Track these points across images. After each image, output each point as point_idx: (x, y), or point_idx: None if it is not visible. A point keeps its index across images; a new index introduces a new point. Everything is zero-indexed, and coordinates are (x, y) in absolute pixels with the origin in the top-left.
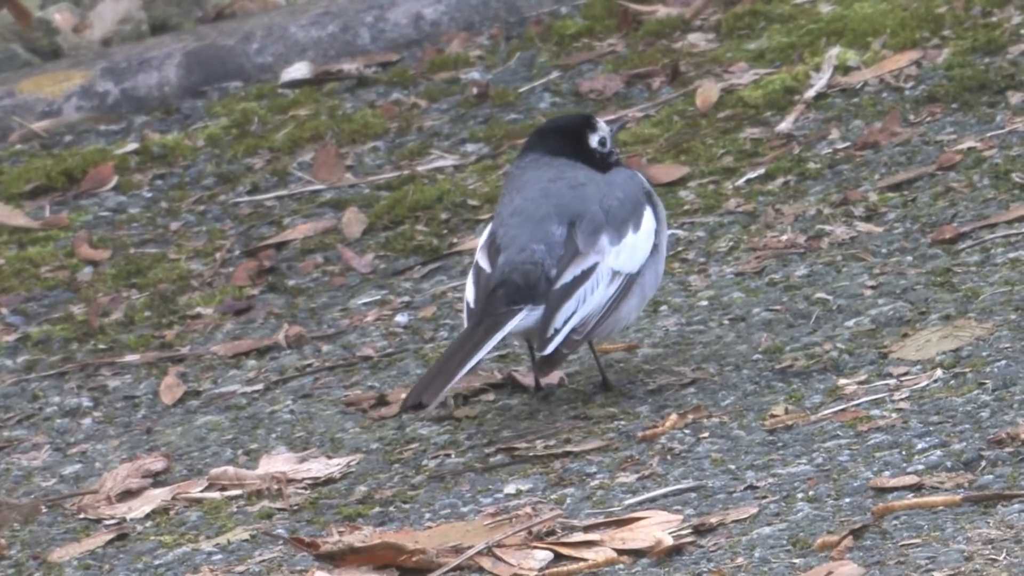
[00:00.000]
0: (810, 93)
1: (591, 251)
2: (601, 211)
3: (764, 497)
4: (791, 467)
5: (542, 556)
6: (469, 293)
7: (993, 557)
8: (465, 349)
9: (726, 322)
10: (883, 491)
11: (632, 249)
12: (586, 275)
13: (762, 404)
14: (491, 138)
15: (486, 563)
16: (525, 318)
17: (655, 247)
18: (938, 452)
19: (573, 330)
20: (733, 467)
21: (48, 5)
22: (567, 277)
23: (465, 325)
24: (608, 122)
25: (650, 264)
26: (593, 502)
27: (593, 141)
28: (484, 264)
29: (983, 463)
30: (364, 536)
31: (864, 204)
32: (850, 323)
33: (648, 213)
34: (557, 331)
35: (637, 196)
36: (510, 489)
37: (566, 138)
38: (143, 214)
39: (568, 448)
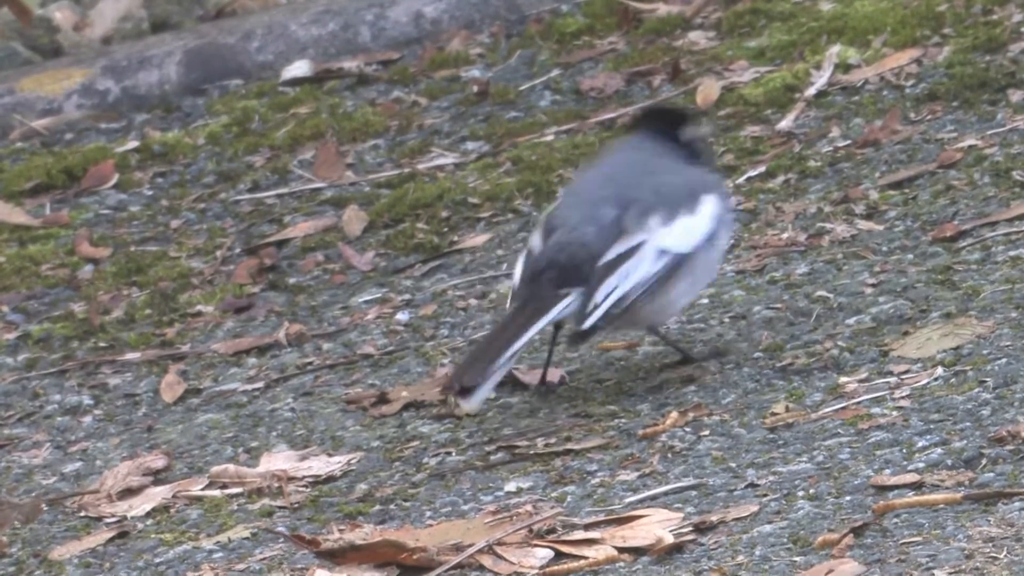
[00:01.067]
0: (811, 91)
1: (639, 230)
2: (657, 193)
3: (765, 495)
4: (792, 465)
5: (543, 554)
6: (516, 271)
7: (994, 555)
8: (508, 332)
9: (727, 320)
10: (884, 489)
11: (685, 230)
12: (631, 252)
13: (763, 402)
14: (491, 136)
15: (487, 561)
16: (571, 303)
17: (713, 235)
18: (939, 450)
19: (613, 305)
20: (734, 465)
21: (49, 3)
22: (611, 255)
23: (507, 305)
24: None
25: (706, 249)
26: (594, 500)
27: (688, 134)
28: (536, 244)
29: (984, 461)
30: (365, 534)
31: (865, 202)
32: (851, 321)
33: (710, 200)
34: (597, 306)
35: (702, 184)
36: (511, 487)
37: (665, 125)
38: (144, 212)
39: (569, 446)
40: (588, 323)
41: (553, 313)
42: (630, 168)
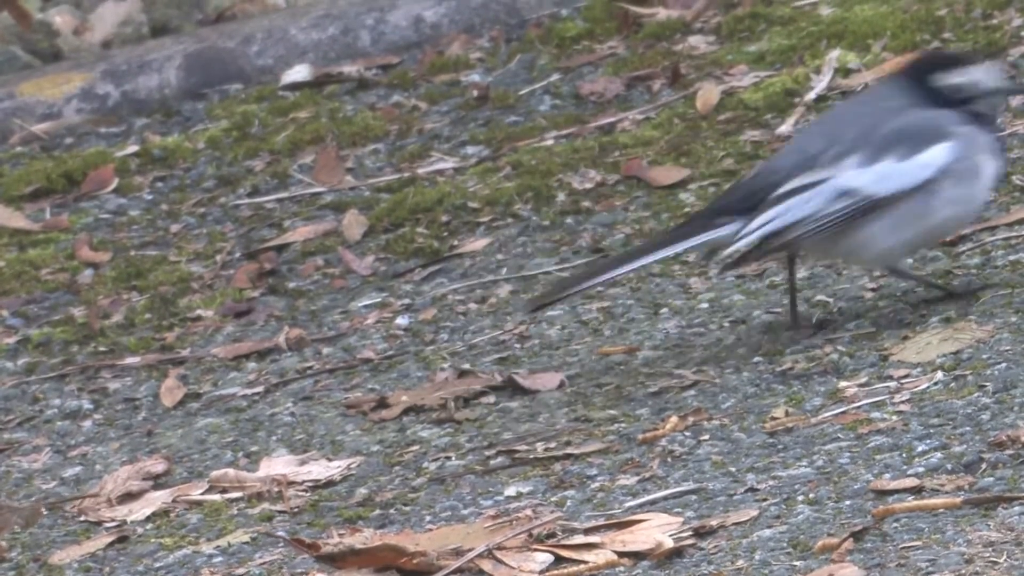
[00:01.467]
0: (811, 95)
1: (828, 168)
2: (864, 135)
3: (764, 499)
4: (791, 469)
5: (542, 558)
6: None
7: (994, 560)
8: (642, 248)
9: (726, 324)
10: (883, 493)
11: (884, 174)
12: (806, 188)
13: (762, 407)
14: (491, 140)
15: (486, 565)
16: (725, 231)
17: (930, 182)
18: (938, 454)
19: (768, 236)
20: (733, 469)
21: (49, 7)
22: (786, 187)
23: None
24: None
25: (915, 196)
26: (593, 504)
27: (941, 80)
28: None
29: (984, 465)
30: (365, 538)
31: None
32: (850, 325)
33: (938, 148)
34: (749, 232)
35: (932, 131)
36: (510, 491)
37: (921, 71)
38: (143, 216)
39: (568, 451)
40: (733, 247)
41: (699, 239)
42: (854, 110)
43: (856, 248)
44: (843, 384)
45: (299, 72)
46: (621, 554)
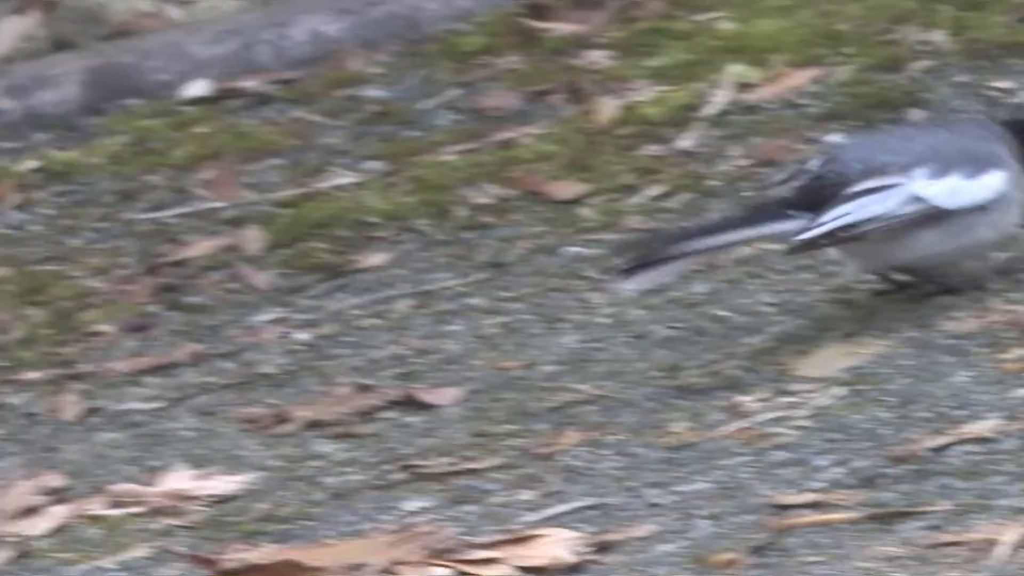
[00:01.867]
0: (710, 110)
1: (899, 175)
2: (935, 151)
3: (664, 514)
4: (691, 484)
5: (441, 573)
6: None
7: (893, 574)
8: (706, 226)
9: (626, 339)
10: (783, 508)
11: (953, 189)
12: (880, 189)
13: (662, 422)
14: (391, 155)
15: None
16: (792, 224)
17: (986, 205)
18: (838, 469)
19: (841, 228)
20: (633, 484)
21: None
22: (859, 187)
23: None
24: None
25: (971, 213)
26: (493, 519)
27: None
28: (813, 165)
29: (884, 480)
30: (264, 554)
31: None
32: (750, 340)
33: (997, 175)
34: (822, 223)
35: (994, 160)
36: (410, 506)
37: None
38: (44, 231)
39: (468, 465)
40: (806, 235)
41: (767, 228)
42: (929, 130)
43: (902, 249)
44: (743, 399)
45: (198, 87)
46: (520, 569)
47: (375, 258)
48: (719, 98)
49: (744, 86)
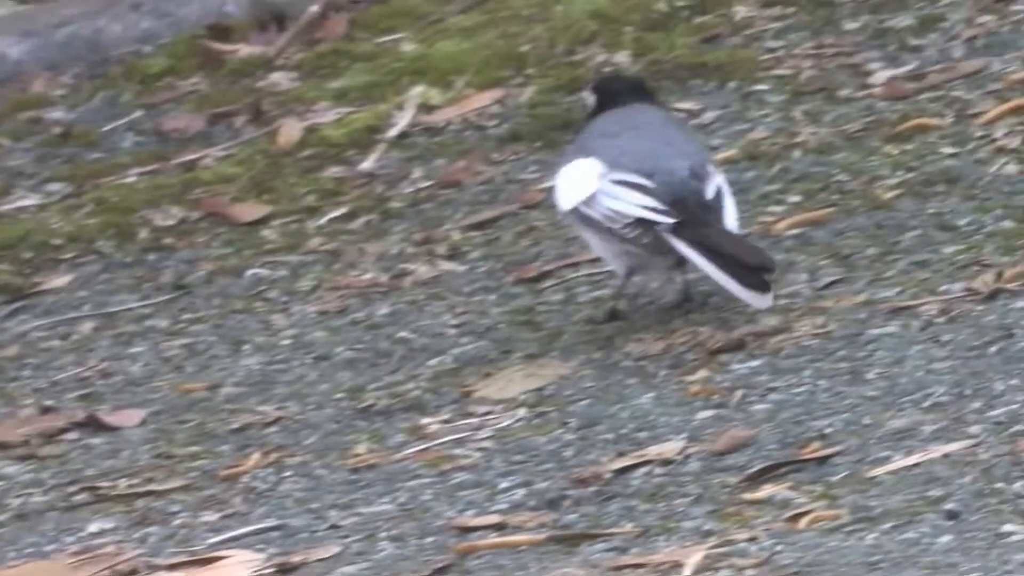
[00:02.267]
0: (392, 132)
1: (714, 172)
2: (698, 145)
3: (347, 536)
4: (374, 506)
5: None
6: (639, 204)
7: None
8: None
9: (309, 361)
10: (466, 530)
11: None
12: (722, 191)
13: (345, 443)
14: (74, 177)
15: None
16: None
17: None
18: (521, 491)
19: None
20: (316, 506)
21: None
22: (711, 192)
23: (642, 234)
24: None
25: None
26: (176, 541)
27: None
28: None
29: (567, 502)
30: None
31: (447, 243)
32: (432, 362)
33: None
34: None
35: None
36: (93, 528)
37: (646, 94)
38: None
39: (151, 487)
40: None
41: None
42: (661, 128)
43: None
44: (425, 421)
45: None
46: None
47: (58, 280)
48: (401, 120)
49: (427, 108)
